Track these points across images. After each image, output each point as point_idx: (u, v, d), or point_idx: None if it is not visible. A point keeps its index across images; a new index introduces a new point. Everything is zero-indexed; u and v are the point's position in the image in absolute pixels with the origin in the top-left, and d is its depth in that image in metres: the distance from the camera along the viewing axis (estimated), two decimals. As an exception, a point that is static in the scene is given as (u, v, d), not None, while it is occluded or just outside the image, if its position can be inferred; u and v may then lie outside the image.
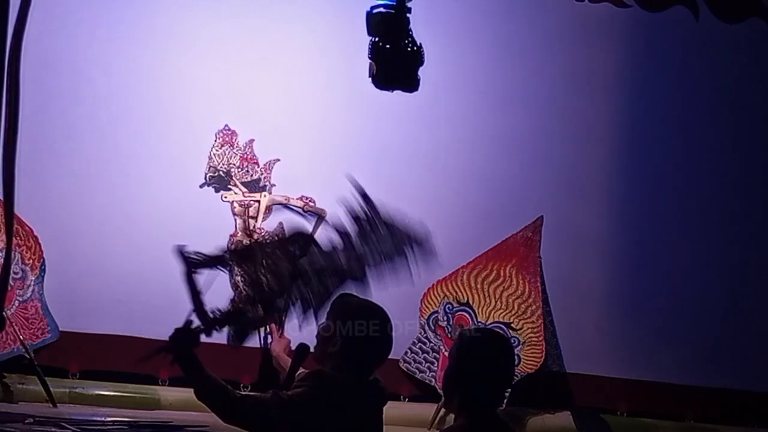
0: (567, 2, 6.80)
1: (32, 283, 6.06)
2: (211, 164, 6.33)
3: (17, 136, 2.97)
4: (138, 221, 6.28)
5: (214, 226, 6.24)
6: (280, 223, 5.80)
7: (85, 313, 6.21)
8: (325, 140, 6.55)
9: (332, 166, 6.53)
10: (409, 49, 5.01)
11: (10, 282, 5.42)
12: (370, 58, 5.02)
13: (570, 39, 6.84)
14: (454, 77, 6.58)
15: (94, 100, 6.34)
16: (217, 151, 6.35)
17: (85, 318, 6.21)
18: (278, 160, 6.40)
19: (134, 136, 6.37)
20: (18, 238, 5.83)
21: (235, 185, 6.32)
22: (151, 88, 6.40)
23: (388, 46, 4.98)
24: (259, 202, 6.29)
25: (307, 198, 6.35)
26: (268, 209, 6.34)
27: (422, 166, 6.67)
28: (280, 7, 6.53)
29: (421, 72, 5.02)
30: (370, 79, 5.03)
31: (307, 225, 4.36)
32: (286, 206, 6.24)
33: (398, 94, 5.10)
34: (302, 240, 4.23)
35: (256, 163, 6.39)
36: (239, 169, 6.34)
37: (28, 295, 6.06)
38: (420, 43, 5.00)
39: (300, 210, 6.17)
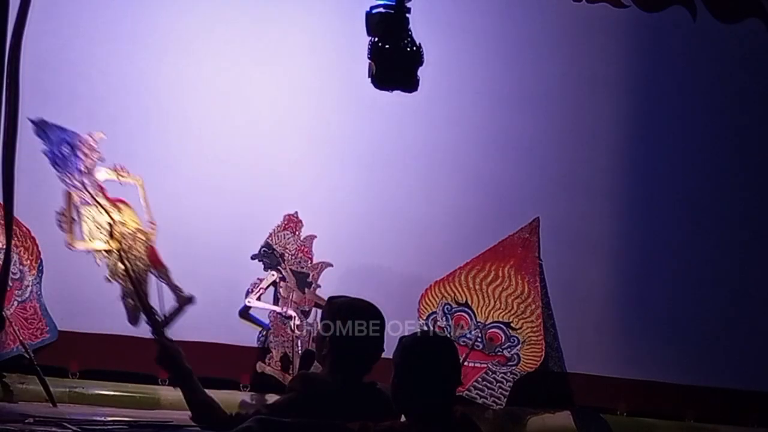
0: (565, 2, 6.80)
1: (30, 283, 6.06)
2: (269, 241, 6.35)
3: (17, 136, 2.97)
4: (136, 221, 6.27)
5: (210, 226, 6.24)
6: None
7: (84, 313, 6.20)
8: (323, 140, 6.54)
9: (330, 166, 6.54)
10: (408, 49, 5.01)
11: (9, 282, 5.40)
12: (369, 58, 5.01)
13: (568, 39, 6.84)
14: (454, 77, 6.58)
15: (92, 100, 6.33)
16: (278, 231, 6.37)
17: (84, 318, 6.21)
18: (330, 264, 6.39)
19: (132, 136, 6.36)
20: (16, 238, 5.82)
21: (285, 269, 6.35)
22: (150, 88, 6.40)
23: (387, 46, 4.98)
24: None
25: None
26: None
27: (421, 166, 6.66)
28: (279, 7, 6.53)
29: (421, 72, 5.02)
30: (370, 79, 5.02)
31: None
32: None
33: (397, 94, 5.09)
34: None
35: (310, 259, 6.39)
36: (293, 257, 6.35)
37: (27, 296, 6.06)
38: (419, 43, 4.99)
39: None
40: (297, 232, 6.37)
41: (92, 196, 5.17)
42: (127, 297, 5.20)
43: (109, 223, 5.05)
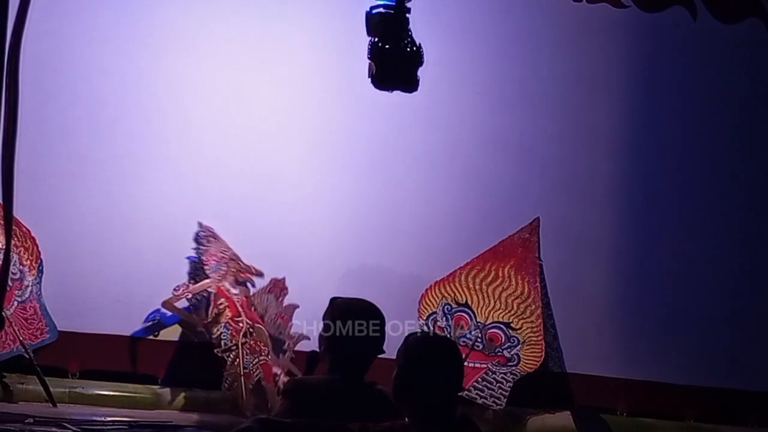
0: (565, 2, 6.80)
1: (30, 283, 6.06)
2: (253, 301, 6.12)
3: (16, 136, 2.96)
4: (136, 222, 6.28)
5: (210, 226, 6.24)
6: None
7: (84, 313, 6.21)
8: (323, 140, 6.55)
9: (330, 165, 6.54)
10: (408, 49, 5.00)
11: (9, 282, 5.41)
12: (369, 58, 5.01)
13: (568, 39, 6.84)
14: (454, 77, 6.58)
15: (91, 100, 6.34)
16: (262, 293, 6.14)
17: (84, 318, 6.21)
18: (307, 337, 6.03)
19: (132, 136, 6.37)
20: (15, 239, 5.82)
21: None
22: (149, 88, 6.40)
23: (387, 46, 4.97)
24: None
25: None
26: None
27: (421, 166, 6.66)
28: (279, 7, 6.53)
29: (421, 72, 5.02)
30: (369, 79, 5.02)
31: None
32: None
33: (397, 94, 5.09)
34: None
35: (289, 327, 6.13)
36: (272, 321, 6.13)
37: (27, 296, 6.06)
38: (419, 43, 4.99)
39: None
40: (280, 298, 6.16)
41: (234, 302, 5.91)
42: (232, 381, 5.81)
43: (234, 320, 5.88)
